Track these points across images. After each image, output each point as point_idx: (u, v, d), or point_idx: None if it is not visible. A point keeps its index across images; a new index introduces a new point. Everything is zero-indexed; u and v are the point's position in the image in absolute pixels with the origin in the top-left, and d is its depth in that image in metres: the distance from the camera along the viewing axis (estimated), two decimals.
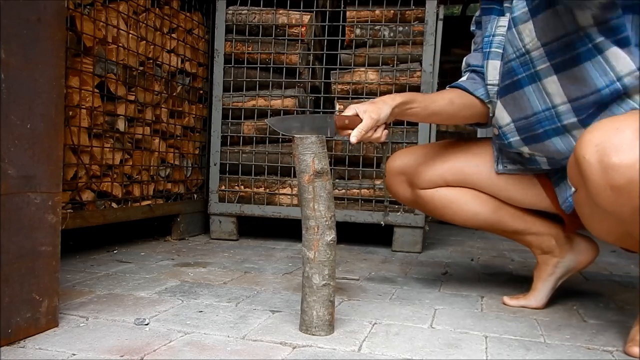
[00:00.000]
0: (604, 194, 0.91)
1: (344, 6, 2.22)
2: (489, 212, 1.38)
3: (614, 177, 0.88)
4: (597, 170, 0.90)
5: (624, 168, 0.87)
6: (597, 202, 0.94)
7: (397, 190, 1.46)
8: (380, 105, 1.19)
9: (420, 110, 1.28)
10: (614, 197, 0.90)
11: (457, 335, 1.10)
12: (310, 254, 1.05)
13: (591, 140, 0.92)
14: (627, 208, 0.91)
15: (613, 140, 0.89)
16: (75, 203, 1.66)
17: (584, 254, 1.36)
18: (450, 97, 1.33)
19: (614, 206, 0.92)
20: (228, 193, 2.26)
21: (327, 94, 2.25)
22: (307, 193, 1.04)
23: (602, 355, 1.02)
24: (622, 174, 0.87)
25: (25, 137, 0.93)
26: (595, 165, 0.90)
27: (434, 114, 1.31)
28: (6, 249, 0.90)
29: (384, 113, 1.18)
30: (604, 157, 0.89)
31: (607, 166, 0.89)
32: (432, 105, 1.29)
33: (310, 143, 1.03)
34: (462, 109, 1.33)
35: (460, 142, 1.47)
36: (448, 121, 1.41)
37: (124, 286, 1.38)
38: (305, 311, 1.06)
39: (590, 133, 0.93)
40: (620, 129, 0.89)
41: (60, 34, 1.00)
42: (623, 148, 0.87)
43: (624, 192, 0.88)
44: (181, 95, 2.24)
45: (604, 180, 0.90)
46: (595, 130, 0.93)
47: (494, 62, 1.28)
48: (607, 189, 0.90)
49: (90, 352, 0.91)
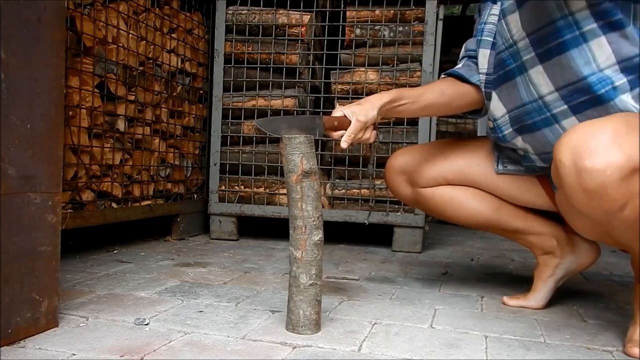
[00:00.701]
0: (578, 197, 0.93)
1: (344, 6, 2.22)
2: (490, 211, 1.38)
3: (587, 181, 0.90)
4: (572, 173, 0.92)
5: (596, 172, 0.88)
6: (572, 204, 0.96)
7: (397, 189, 1.46)
8: (367, 106, 1.20)
9: (410, 106, 1.28)
10: (587, 200, 0.92)
11: (457, 335, 1.10)
12: (298, 253, 1.05)
13: (568, 143, 0.93)
14: (599, 210, 0.92)
15: (588, 144, 0.90)
16: (75, 203, 1.66)
17: (585, 255, 1.36)
18: (440, 88, 1.33)
19: (587, 208, 0.94)
20: (228, 193, 2.26)
21: (327, 94, 2.25)
22: (295, 193, 1.04)
23: (602, 355, 1.03)
24: (594, 178, 0.89)
25: (25, 137, 0.93)
26: (570, 168, 0.92)
27: (425, 108, 1.31)
28: (6, 249, 0.90)
29: (371, 114, 1.19)
30: (577, 160, 0.90)
31: (580, 169, 0.90)
32: (422, 99, 1.29)
33: (298, 143, 1.03)
34: (455, 99, 1.33)
35: (461, 141, 1.48)
36: (442, 113, 1.40)
37: (124, 286, 1.38)
38: (292, 310, 1.06)
39: (568, 136, 0.94)
40: (596, 133, 0.90)
41: (60, 34, 1.00)
42: (597, 152, 0.89)
43: (596, 196, 0.90)
44: (181, 95, 2.24)
45: (577, 183, 0.91)
46: (573, 133, 0.94)
47: (484, 51, 1.29)
48: (581, 192, 0.92)
49: (90, 352, 0.91)
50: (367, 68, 2.17)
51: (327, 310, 1.24)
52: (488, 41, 1.28)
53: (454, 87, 1.34)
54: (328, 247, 2.18)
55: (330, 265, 1.81)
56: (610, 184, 0.88)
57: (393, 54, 2.15)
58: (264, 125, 1.11)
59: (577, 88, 1.10)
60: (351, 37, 2.20)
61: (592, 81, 1.08)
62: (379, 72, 2.15)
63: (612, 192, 0.89)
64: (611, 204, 0.90)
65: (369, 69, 2.17)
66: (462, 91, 1.34)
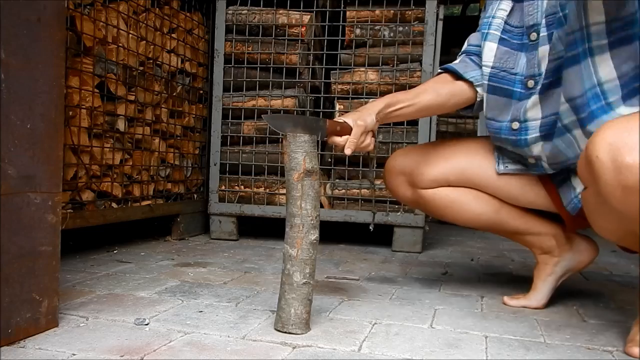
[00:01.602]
0: (616, 193, 0.92)
1: (344, 6, 2.22)
2: (491, 213, 1.38)
3: (627, 177, 0.89)
4: (610, 170, 0.91)
5: (638, 168, 0.87)
6: (608, 200, 0.95)
7: (397, 190, 1.46)
8: (365, 113, 1.22)
9: (406, 109, 1.29)
10: (625, 197, 0.91)
11: (457, 335, 1.10)
12: (293, 251, 1.05)
13: (604, 139, 0.92)
14: (636, 207, 0.91)
15: (626, 139, 0.89)
16: (75, 203, 1.66)
17: (583, 254, 1.36)
18: (435, 88, 1.33)
19: (624, 205, 0.92)
20: (228, 193, 2.26)
21: (327, 94, 2.25)
22: (295, 191, 1.04)
23: (602, 355, 1.03)
24: (635, 174, 0.88)
25: (25, 137, 0.93)
26: (608, 164, 0.91)
27: (422, 110, 1.32)
28: (6, 249, 0.90)
29: (369, 119, 1.21)
30: (617, 156, 0.89)
31: (620, 165, 0.89)
32: (418, 102, 1.30)
33: (302, 141, 1.04)
34: (450, 98, 1.34)
35: (461, 141, 1.47)
36: (438, 112, 1.41)
37: (124, 286, 1.38)
38: (282, 308, 1.06)
39: (603, 132, 0.93)
40: (634, 129, 0.90)
41: (60, 34, 1.00)
42: (637, 148, 0.88)
43: (636, 192, 0.89)
44: (181, 95, 2.24)
45: (616, 180, 0.90)
46: (608, 129, 0.93)
47: (490, 44, 1.29)
48: (619, 189, 0.90)
49: (90, 352, 0.91)
50: (367, 68, 2.17)
51: (327, 310, 1.24)
52: (495, 35, 1.28)
53: (449, 86, 1.34)
54: (328, 247, 2.18)
55: (330, 265, 1.81)
56: None
57: (393, 54, 2.15)
58: (270, 121, 1.11)
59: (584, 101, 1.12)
60: (351, 37, 2.20)
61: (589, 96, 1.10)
62: (379, 72, 2.15)
63: None
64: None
65: (369, 69, 2.17)
66: (457, 90, 1.34)
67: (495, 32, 1.29)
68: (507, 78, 1.28)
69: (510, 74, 1.27)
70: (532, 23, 1.23)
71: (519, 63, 1.26)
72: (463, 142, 1.46)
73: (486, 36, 1.30)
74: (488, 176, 1.37)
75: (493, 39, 1.29)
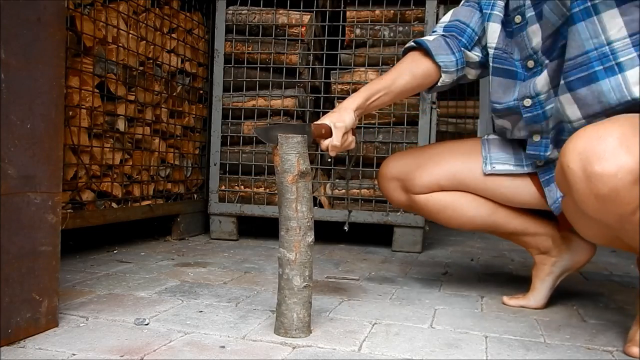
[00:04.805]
0: (589, 202, 0.91)
1: (344, 6, 2.22)
2: (485, 216, 1.38)
3: (598, 186, 0.88)
4: (581, 179, 0.90)
5: (607, 177, 0.87)
6: (583, 209, 0.95)
7: (391, 195, 1.45)
8: (344, 113, 1.21)
9: (384, 97, 1.29)
10: (598, 205, 0.90)
11: (457, 335, 1.10)
12: (291, 255, 1.03)
13: (575, 148, 0.92)
14: (612, 215, 0.91)
15: (596, 148, 0.89)
16: (75, 203, 1.66)
17: (580, 252, 1.36)
18: (410, 69, 1.32)
19: (599, 214, 0.92)
20: (228, 193, 2.26)
21: (327, 94, 2.24)
22: (290, 193, 1.03)
23: (602, 355, 1.03)
24: (605, 183, 0.87)
25: (25, 137, 0.93)
26: (579, 173, 0.90)
27: (399, 94, 1.32)
28: (6, 249, 0.90)
29: (348, 118, 1.21)
30: (587, 165, 0.89)
31: (590, 175, 0.89)
32: (395, 87, 1.29)
33: (295, 143, 1.03)
34: (425, 79, 1.33)
35: (453, 144, 1.46)
36: (413, 93, 1.42)
37: (124, 286, 1.38)
38: (284, 314, 1.04)
39: (574, 141, 0.93)
40: (603, 137, 0.89)
41: (60, 34, 1.00)
42: (606, 156, 0.87)
43: (608, 201, 0.89)
44: (181, 95, 2.24)
45: (588, 189, 0.90)
46: (579, 138, 0.92)
47: (494, 25, 1.29)
48: (592, 198, 0.90)
49: (90, 352, 0.91)
50: (367, 68, 2.17)
51: (327, 310, 1.24)
52: (498, 17, 1.27)
53: (423, 66, 1.31)
54: (328, 247, 2.18)
55: (330, 265, 1.81)
56: (622, 187, 0.87)
57: (393, 54, 2.15)
58: (261, 134, 1.12)
59: (577, 63, 1.11)
60: (351, 37, 2.20)
61: (593, 57, 1.08)
62: (379, 72, 2.15)
63: (625, 195, 0.87)
64: (624, 207, 0.89)
65: (369, 69, 2.17)
66: (428, 71, 1.32)
67: (499, 13, 1.28)
68: (510, 60, 1.27)
69: (511, 57, 1.27)
70: (516, 6, 1.23)
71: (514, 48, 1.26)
72: (454, 145, 1.45)
73: (489, 17, 1.29)
74: (478, 178, 1.35)
75: (496, 20, 1.28)
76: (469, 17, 1.33)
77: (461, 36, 1.33)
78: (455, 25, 1.34)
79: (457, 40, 1.32)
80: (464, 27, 1.33)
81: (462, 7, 1.36)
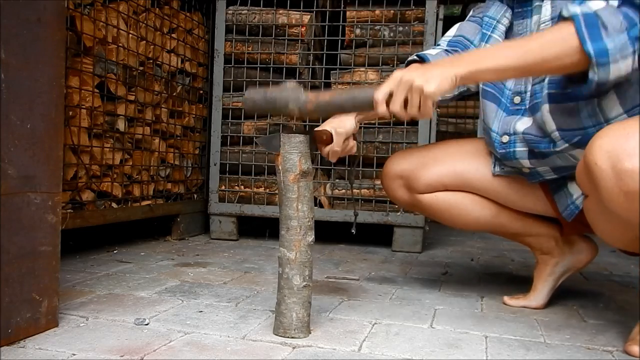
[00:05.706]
0: (618, 200, 0.91)
1: (344, 6, 2.22)
2: (489, 217, 1.38)
3: (628, 183, 0.88)
4: (610, 177, 0.90)
5: (638, 174, 0.87)
6: (611, 208, 0.94)
7: (395, 194, 1.45)
8: (344, 118, 1.22)
9: None
10: (627, 203, 0.90)
11: (457, 335, 1.10)
12: (291, 254, 1.03)
13: (602, 146, 0.91)
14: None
15: (624, 146, 0.89)
16: (75, 203, 1.66)
17: (583, 253, 1.36)
18: None
19: (627, 212, 0.92)
20: (228, 193, 2.26)
21: None
22: (292, 193, 1.03)
23: (602, 355, 1.02)
24: (635, 180, 0.87)
25: (25, 137, 0.93)
26: (608, 171, 0.90)
27: None
28: (6, 249, 0.90)
29: (349, 124, 1.21)
30: (616, 163, 0.89)
31: (620, 172, 0.88)
32: None
33: (297, 142, 1.03)
34: None
35: (458, 143, 1.46)
36: None
37: (124, 286, 1.38)
38: (283, 313, 1.04)
39: (601, 139, 0.92)
40: (631, 134, 0.89)
41: (60, 34, 1.00)
42: (635, 153, 0.87)
43: (637, 198, 0.88)
44: (181, 95, 2.24)
45: (617, 187, 0.89)
46: (606, 137, 0.92)
47: None
48: (621, 195, 0.90)
49: (90, 352, 0.91)
50: (367, 68, 2.17)
51: (327, 310, 1.24)
52: (498, 40, 1.27)
53: None
54: (328, 247, 2.18)
55: (330, 265, 1.81)
56: None
57: (393, 54, 2.15)
58: (265, 144, 1.11)
59: (576, 135, 1.14)
60: (351, 37, 2.20)
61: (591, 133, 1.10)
62: (379, 72, 2.15)
63: None
64: None
65: (369, 69, 2.17)
66: None
67: (499, 38, 1.28)
68: (498, 86, 1.27)
69: (501, 83, 1.27)
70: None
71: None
72: (460, 145, 1.44)
73: (488, 39, 1.29)
74: (486, 180, 1.35)
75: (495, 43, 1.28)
76: (474, 34, 1.33)
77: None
78: (459, 41, 1.33)
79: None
80: (468, 43, 1.32)
81: (467, 23, 1.36)
